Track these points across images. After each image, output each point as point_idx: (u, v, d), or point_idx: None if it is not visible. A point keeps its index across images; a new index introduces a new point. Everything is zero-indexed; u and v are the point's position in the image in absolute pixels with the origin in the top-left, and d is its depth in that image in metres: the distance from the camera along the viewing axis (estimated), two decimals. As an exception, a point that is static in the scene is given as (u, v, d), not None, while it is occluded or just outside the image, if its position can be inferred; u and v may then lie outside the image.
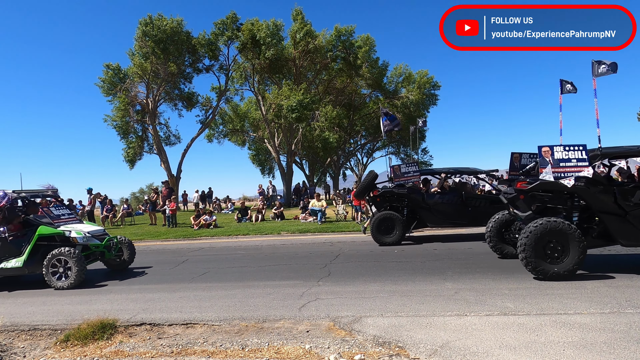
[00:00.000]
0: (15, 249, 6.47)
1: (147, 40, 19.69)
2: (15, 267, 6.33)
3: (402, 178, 9.54)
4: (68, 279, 6.18)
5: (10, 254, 6.45)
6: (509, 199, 5.99)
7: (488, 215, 8.87)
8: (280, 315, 4.32)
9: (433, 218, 9.17)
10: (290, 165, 24.98)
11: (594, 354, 3.04)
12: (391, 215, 8.84)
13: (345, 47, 22.72)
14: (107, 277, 7.05)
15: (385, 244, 8.70)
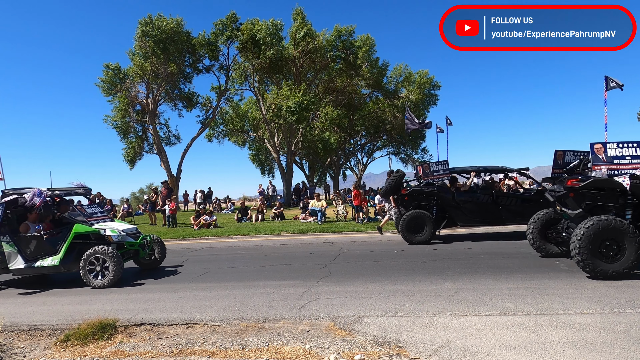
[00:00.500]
0: (51, 247, 6.39)
1: (147, 40, 19.70)
2: (52, 265, 6.26)
3: (431, 177, 9.42)
4: (105, 278, 6.09)
5: (45, 252, 6.39)
6: (557, 196, 5.86)
7: (519, 213, 8.82)
8: (280, 315, 4.32)
9: (463, 217, 9.08)
10: (290, 165, 24.98)
11: (594, 354, 3.04)
12: (421, 214, 8.76)
13: (345, 47, 22.71)
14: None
15: (415, 243, 8.64)
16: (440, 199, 9.15)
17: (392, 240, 9.66)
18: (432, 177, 9.44)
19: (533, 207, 8.53)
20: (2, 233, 6.38)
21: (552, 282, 5.09)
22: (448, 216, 9.20)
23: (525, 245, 7.97)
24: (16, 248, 6.34)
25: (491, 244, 8.35)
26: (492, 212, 9.01)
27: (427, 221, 8.72)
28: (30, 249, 6.41)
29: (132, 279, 6.72)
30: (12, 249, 6.33)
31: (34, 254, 6.40)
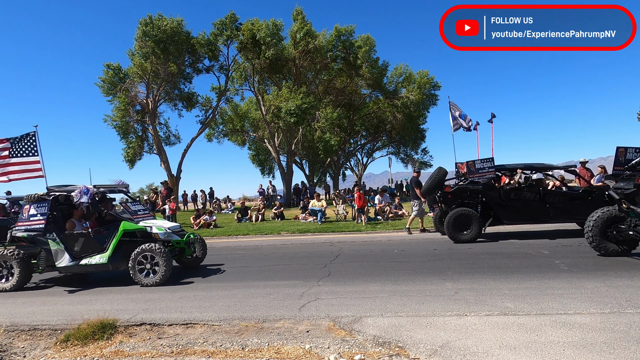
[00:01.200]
0: (98, 245, 6.32)
1: (147, 40, 19.71)
2: (100, 263, 6.18)
3: (476, 174, 9.25)
4: (155, 276, 6.02)
5: (92, 249, 6.31)
6: (625, 194, 5.77)
7: (567, 211, 8.73)
8: (280, 315, 4.32)
9: (510, 215, 8.94)
10: (290, 165, 24.99)
11: (594, 354, 3.04)
12: (468, 212, 8.66)
13: (345, 47, 22.72)
14: (107, 277, 7.04)
15: (462, 241, 8.55)
16: (486, 196, 9.00)
17: (392, 240, 9.66)
18: (477, 174, 9.24)
19: (581, 205, 8.49)
20: (48, 230, 6.31)
21: (552, 282, 5.09)
22: (493, 214, 9.04)
23: (525, 245, 7.98)
24: (63, 246, 6.26)
25: (491, 244, 8.35)
26: (540, 210, 8.83)
27: (474, 219, 8.60)
28: (77, 247, 6.33)
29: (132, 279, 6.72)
30: (58, 247, 6.25)
31: (81, 251, 6.32)
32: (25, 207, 6.50)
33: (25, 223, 6.40)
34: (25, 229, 6.37)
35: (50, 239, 6.27)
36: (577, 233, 9.12)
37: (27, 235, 6.34)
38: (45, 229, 6.29)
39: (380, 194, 15.54)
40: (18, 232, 6.42)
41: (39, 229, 6.29)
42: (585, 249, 7.15)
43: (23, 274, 6.15)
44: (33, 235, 6.32)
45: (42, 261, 6.34)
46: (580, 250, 7.07)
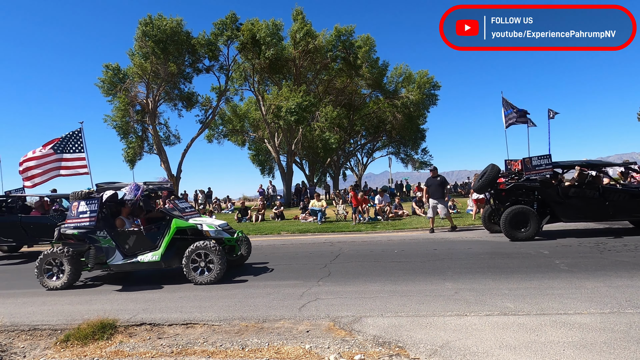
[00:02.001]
0: (150, 242, 6.24)
1: (147, 40, 19.71)
2: (152, 261, 6.09)
3: (533, 171, 9.09)
4: (210, 274, 5.92)
5: (144, 247, 6.23)
6: None
7: (628, 209, 8.54)
8: (280, 315, 4.32)
9: (568, 212, 8.76)
10: (290, 165, 24.98)
11: (594, 354, 3.04)
12: (526, 210, 8.52)
13: (345, 47, 22.72)
14: (106, 277, 7.04)
15: (519, 239, 8.42)
16: (543, 194, 8.83)
17: (392, 241, 9.66)
18: (533, 171, 9.08)
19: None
20: (99, 228, 6.22)
21: (552, 282, 5.09)
22: (550, 212, 8.85)
23: (526, 245, 7.98)
24: (114, 243, 6.18)
25: (491, 244, 8.36)
26: (599, 207, 8.64)
27: (532, 217, 8.45)
28: (128, 244, 6.25)
29: (132, 279, 6.72)
30: (110, 244, 6.17)
31: (133, 249, 6.24)
32: (73, 204, 6.36)
33: (75, 220, 6.28)
34: (75, 226, 6.25)
35: (101, 237, 6.18)
36: (577, 233, 9.12)
37: (78, 232, 6.22)
38: (96, 226, 6.19)
39: (380, 194, 15.54)
40: (68, 229, 6.28)
41: (89, 226, 6.19)
42: (585, 249, 7.15)
43: (73, 271, 6.09)
44: (84, 232, 6.20)
45: (92, 259, 6.23)
46: (580, 250, 7.07)
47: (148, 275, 7.00)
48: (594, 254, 6.73)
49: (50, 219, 9.68)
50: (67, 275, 6.07)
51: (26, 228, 9.66)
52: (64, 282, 6.07)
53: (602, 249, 7.07)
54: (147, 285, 6.14)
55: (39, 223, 9.75)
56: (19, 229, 9.66)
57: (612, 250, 6.97)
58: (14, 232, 9.68)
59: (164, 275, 6.92)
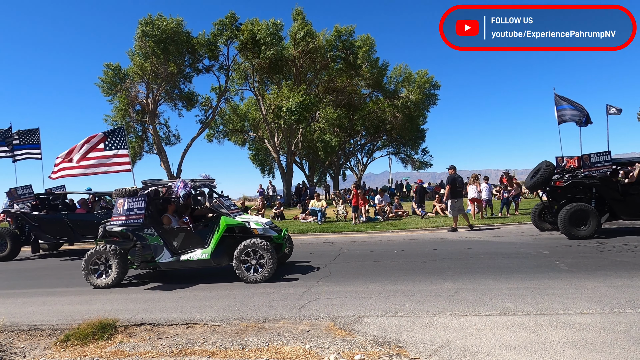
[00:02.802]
0: (199, 240, 6.13)
1: (147, 40, 19.71)
2: (202, 258, 6.00)
3: (591, 168, 8.95)
4: (262, 272, 5.82)
5: (193, 245, 6.12)
6: None
7: None
8: (280, 315, 4.32)
9: (629, 210, 8.57)
10: (290, 165, 24.98)
11: (594, 354, 3.04)
12: (585, 207, 8.37)
13: (345, 47, 22.72)
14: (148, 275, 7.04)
15: (578, 237, 8.29)
16: (602, 191, 8.69)
17: (392, 241, 9.66)
18: (592, 168, 8.94)
19: None
20: (146, 225, 6.11)
21: (552, 282, 5.09)
22: (609, 209, 8.70)
23: (525, 245, 7.98)
24: (162, 241, 6.08)
25: (491, 244, 8.36)
26: None
27: (591, 214, 8.30)
28: (177, 242, 6.14)
29: (132, 279, 6.72)
30: (157, 242, 6.07)
31: (181, 247, 6.12)
32: (119, 201, 6.24)
33: (121, 217, 6.16)
34: (121, 223, 6.15)
35: (148, 234, 6.09)
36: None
37: (125, 230, 6.13)
38: (143, 223, 6.09)
39: (380, 194, 15.54)
40: (114, 227, 6.20)
41: (136, 223, 6.09)
42: (585, 249, 7.15)
43: (121, 269, 6.03)
44: (131, 229, 6.11)
45: (137, 257, 6.15)
46: (580, 250, 7.07)
47: (148, 275, 6.99)
48: (594, 254, 6.73)
49: (96, 216, 9.70)
50: (115, 274, 5.99)
51: (73, 225, 9.67)
52: (112, 280, 5.99)
53: (602, 249, 7.07)
54: (147, 285, 6.15)
55: (85, 220, 9.76)
56: (65, 227, 9.67)
57: (612, 250, 6.97)
58: (61, 229, 9.69)
59: (163, 275, 6.92)
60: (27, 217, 9.78)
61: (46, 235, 9.75)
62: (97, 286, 6.01)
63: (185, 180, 6.19)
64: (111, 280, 6.00)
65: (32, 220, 9.74)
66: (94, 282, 6.04)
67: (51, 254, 10.63)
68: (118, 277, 6.03)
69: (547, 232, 9.46)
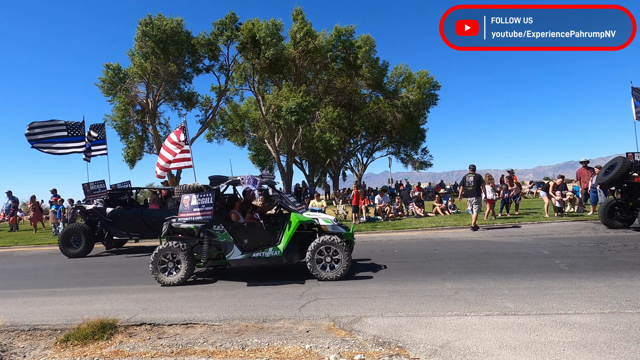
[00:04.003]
0: (270, 236, 5.99)
1: (147, 40, 19.70)
2: (274, 255, 5.85)
3: None
4: (337, 270, 5.69)
5: (264, 241, 5.97)
6: None
7: None
8: (280, 315, 4.32)
9: None
10: (290, 165, 24.99)
11: (594, 354, 3.04)
12: None
13: (345, 47, 22.73)
14: (107, 276, 7.05)
15: None
16: None
17: (392, 240, 9.66)
18: None
19: None
20: (215, 222, 5.97)
21: (552, 282, 5.09)
22: None
23: (525, 245, 7.98)
24: (232, 238, 5.94)
25: (491, 244, 8.35)
26: None
27: None
28: (246, 239, 5.98)
29: (132, 279, 6.72)
30: (227, 239, 5.93)
31: (251, 244, 5.97)
32: (184, 197, 6.13)
33: (188, 214, 6.05)
34: (189, 220, 6.03)
35: (217, 231, 5.96)
36: (577, 233, 9.12)
37: (195, 226, 6.03)
38: (212, 220, 5.96)
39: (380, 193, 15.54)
40: (181, 224, 6.09)
41: (205, 220, 5.97)
42: (585, 249, 7.15)
43: (190, 267, 5.95)
44: (200, 226, 6.00)
45: (204, 254, 6.07)
46: (580, 250, 7.07)
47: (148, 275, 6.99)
48: (594, 254, 6.73)
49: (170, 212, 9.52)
50: (184, 271, 5.92)
51: (147, 222, 9.56)
52: (181, 278, 5.92)
53: (602, 249, 7.07)
54: (147, 285, 6.14)
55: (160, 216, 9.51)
56: (140, 223, 9.58)
57: (612, 250, 6.97)
58: (135, 225, 9.60)
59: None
60: (101, 213, 9.66)
61: (120, 232, 9.64)
62: (165, 284, 5.91)
63: (254, 177, 6.07)
64: (180, 277, 5.91)
65: (106, 216, 9.61)
66: (162, 280, 5.94)
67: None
68: (187, 274, 5.93)
69: (547, 232, 9.45)
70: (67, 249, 9.57)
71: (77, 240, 9.60)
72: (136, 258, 9.15)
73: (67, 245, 9.59)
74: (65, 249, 9.57)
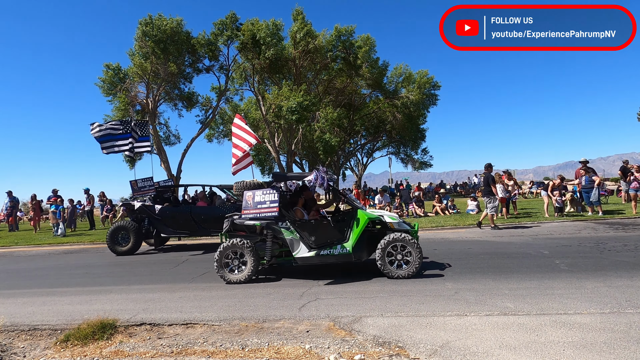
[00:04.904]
0: (337, 234, 5.86)
1: (147, 41, 19.69)
2: (343, 253, 5.72)
3: None
4: (407, 268, 5.59)
5: (331, 238, 5.85)
6: None
7: None
8: (280, 315, 4.32)
9: None
10: (290, 165, 24.99)
11: (594, 354, 3.04)
12: None
13: (345, 47, 22.72)
14: (107, 276, 7.05)
15: None
16: None
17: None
18: None
19: None
20: (280, 219, 5.88)
21: (552, 282, 5.09)
22: None
23: (525, 245, 7.98)
24: (298, 235, 5.83)
25: (491, 244, 8.35)
26: None
27: None
28: (314, 236, 5.84)
29: (132, 279, 6.72)
30: (293, 236, 5.83)
31: (318, 241, 5.83)
32: (247, 194, 6.05)
33: (252, 211, 5.97)
34: (253, 216, 5.96)
35: (283, 228, 5.86)
36: (577, 233, 9.12)
37: (260, 223, 5.93)
38: (277, 216, 5.88)
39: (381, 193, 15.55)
40: (245, 221, 6.00)
41: (271, 216, 5.88)
42: (585, 249, 7.15)
43: (255, 264, 5.84)
44: (266, 223, 5.89)
45: (268, 251, 5.98)
46: (580, 250, 7.07)
47: (148, 275, 6.99)
48: (594, 254, 6.73)
49: (219, 209, 9.58)
50: (250, 269, 5.83)
51: (196, 219, 9.54)
52: (247, 275, 5.84)
53: (602, 249, 7.07)
54: (147, 285, 6.15)
55: (209, 214, 9.61)
56: (189, 221, 9.54)
57: (612, 250, 6.97)
58: (184, 223, 9.57)
59: (164, 275, 6.92)
60: (150, 211, 9.61)
61: (168, 229, 9.61)
62: (230, 281, 5.84)
63: (321, 174, 5.96)
64: (246, 275, 5.84)
65: (155, 214, 9.56)
66: (227, 277, 5.87)
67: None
68: (252, 271, 5.85)
69: (547, 232, 9.45)
70: (115, 246, 9.49)
71: (125, 238, 9.52)
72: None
73: (116, 242, 9.51)
74: (114, 247, 9.49)
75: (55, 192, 16.75)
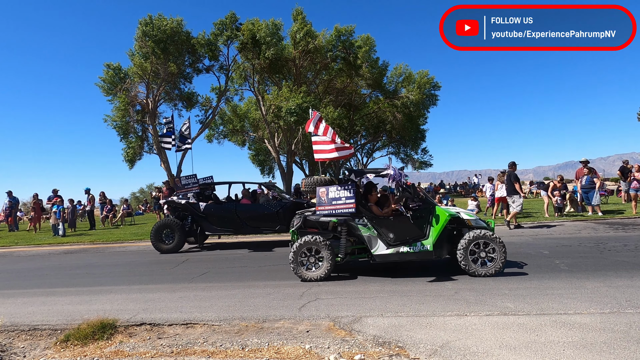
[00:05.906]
0: (416, 230, 5.73)
1: (147, 41, 19.69)
2: (424, 250, 5.62)
3: None
4: (491, 266, 5.46)
5: (410, 235, 5.72)
6: None
7: None
8: (280, 315, 4.32)
9: None
10: (290, 165, 24.98)
11: (594, 354, 3.04)
12: None
13: (345, 47, 22.70)
14: (107, 276, 7.05)
15: None
16: None
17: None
18: None
19: None
20: (357, 215, 5.74)
21: (552, 282, 5.09)
22: None
23: (525, 245, 7.98)
24: (375, 232, 5.72)
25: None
26: None
27: None
28: (392, 233, 5.72)
29: (132, 279, 6.72)
30: (370, 233, 5.72)
31: (397, 238, 5.71)
32: (320, 190, 5.92)
33: (327, 207, 5.84)
34: (329, 213, 5.83)
35: (360, 224, 5.74)
36: (577, 233, 9.12)
37: (337, 220, 5.81)
38: (354, 213, 5.73)
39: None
40: (320, 217, 5.89)
41: (346, 213, 5.75)
42: (585, 249, 7.15)
43: (332, 261, 5.72)
44: (343, 219, 5.77)
45: (343, 249, 5.83)
46: (580, 250, 7.07)
47: (148, 276, 6.99)
48: (594, 254, 6.73)
49: (264, 207, 9.56)
50: (327, 266, 5.71)
51: (241, 217, 9.50)
52: (324, 273, 5.72)
53: (602, 249, 7.07)
54: (147, 285, 6.15)
55: (253, 211, 9.57)
56: (233, 218, 9.51)
57: (612, 250, 6.97)
58: (228, 221, 9.52)
59: (164, 275, 6.92)
60: (194, 208, 9.55)
61: (212, 227, 9.57)
62: (307, 279, 5.74)
63: (398, 170, 5.86)
64: (323, 272, 5.72)
65: (199, 211, 9.51)
66: (304, 275, 5.76)
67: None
68: (329, 269, 5.73)
69: (547, 232, 9.46)
70: (159, 244, 9.44)
71: (168, 236, 9.48)
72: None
73: (160, 240, 9.46)
74: (158, 244, 9.44)
75: (56, 192, 16.75)
